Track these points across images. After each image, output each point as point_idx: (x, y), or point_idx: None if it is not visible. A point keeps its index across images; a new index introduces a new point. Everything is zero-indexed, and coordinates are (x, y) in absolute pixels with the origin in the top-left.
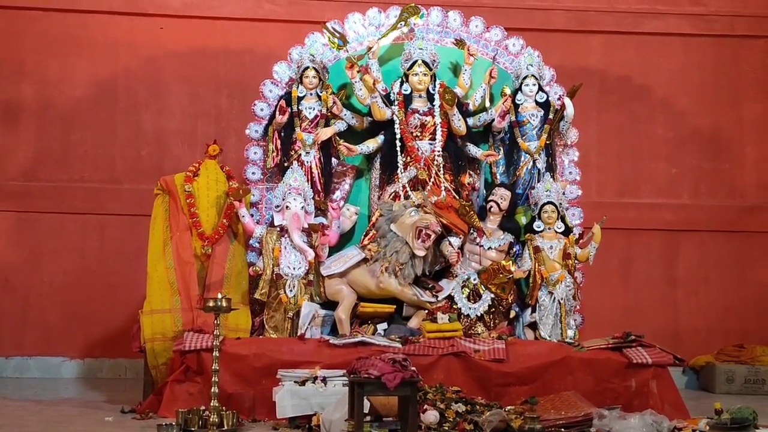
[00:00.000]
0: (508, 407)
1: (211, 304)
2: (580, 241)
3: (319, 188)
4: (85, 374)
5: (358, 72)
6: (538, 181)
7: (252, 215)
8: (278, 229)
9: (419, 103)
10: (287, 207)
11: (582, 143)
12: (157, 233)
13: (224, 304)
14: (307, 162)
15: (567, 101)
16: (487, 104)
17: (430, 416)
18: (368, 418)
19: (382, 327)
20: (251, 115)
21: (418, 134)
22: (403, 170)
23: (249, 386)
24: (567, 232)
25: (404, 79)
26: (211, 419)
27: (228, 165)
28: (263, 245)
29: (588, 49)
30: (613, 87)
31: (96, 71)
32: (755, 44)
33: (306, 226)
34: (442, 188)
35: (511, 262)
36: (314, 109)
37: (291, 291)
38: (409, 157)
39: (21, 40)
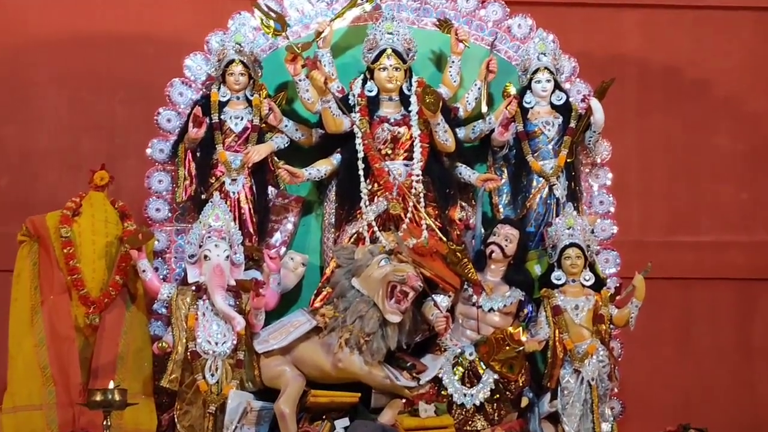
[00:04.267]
0: None
1: (98, 397)
2: (617, 297)
3: (251, 230)
4: None
5: (303, 66)
6: (557, 215)
7: (156, 269)
8: (193, 288)
9: (389, 109)
10: (206, 257)
11: (617, 161)
12: (21, 296)
13: (117, 397)
14: (234, 193)
15: (595, 103)
16: (484, 109)
17: None
18: None
19: (342, 424)
20: (155, 128)
21: (389, 152)
22: (368, 202)
23: None
24: (598, 285)
25: (368, 76)
26: None
27: (122, 199)
28: (172, 311)
29: (622, 30)
30: (657, 82)
31: None
32: None
33: (233, 283)
34: (424, 227)
35: (521, 329)
36: (243, 118)
37: (213, 376)
38: (376, 185)
39: None
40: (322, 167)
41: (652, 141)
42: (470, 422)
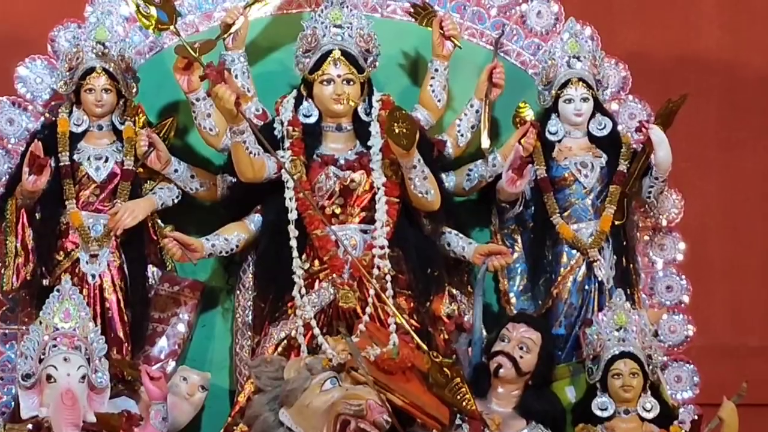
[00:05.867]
0: None
1: None
2: None
3: (121, 334)
4: None
5: (202, 78)
6: (600, 309)
7: None
8: (29, 427)
9: (338, 144)
10: (50, 378)
11: (693, 222)
12: None
13: None
14: (94, 276)
15: (657, 134)
16: (486, 143)
17: None
18: None
19: None
20: None
21: (337, 211)
22: (304, 290)
23: None
24: (666, 418)
25: (304, 92)
26: None
27: None
28: None
29: (698, 20)
30: (751, 98)
31: None
32: None
33: (92, 419)
34: (392, 328)
35: None
36: (108, 160)
37: None
38: (317, 262)
39: None
40: (233, 236)
41: (746, 189)
42: None
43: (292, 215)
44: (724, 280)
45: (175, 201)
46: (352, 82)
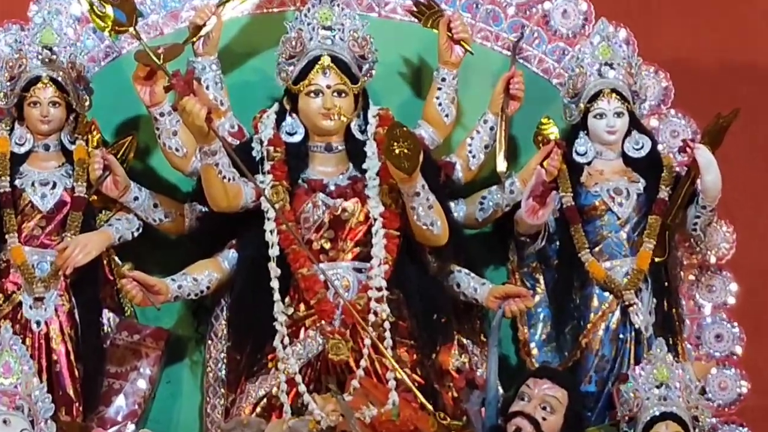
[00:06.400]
0: None
1: None
2: None
3: (71, 392)
4: None
5: (167, 90)
6: (638, 361)
7: None
8: None
9: (327, 167)
10: None
11: (747, 259)
12: None
13: None
14: (39, 324)
15: (704, 155)
16: (502, 166)
17: None
18: None
19: None
20: None
21: (327, 246)
22: (288, 340)
23: None
24: None
25: (287, 107)
26: None
27: None
28: None
29: (748, 23)
30: None
31: None
32: None
33: None
34: (391, 384)
35: None
36: (56, 186)
37: None
38: (303, 306)
39: None
40: (203, 275)
41: None
42: None
43: (274, 251)
44: None
45: (135, 234)
46: (344, 94)
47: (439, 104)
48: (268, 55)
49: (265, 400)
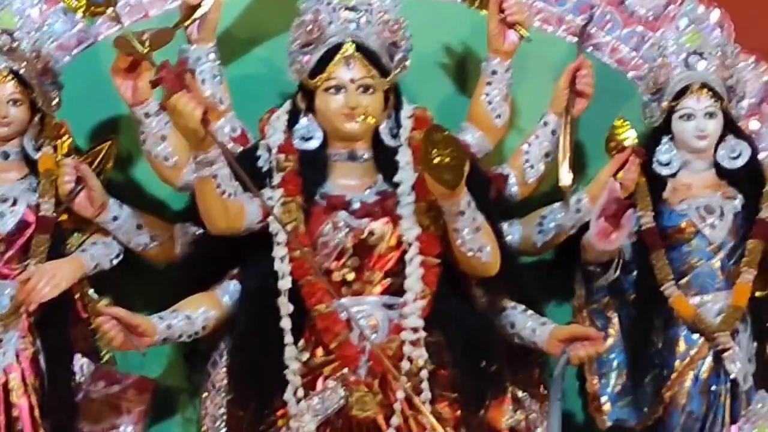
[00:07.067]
0: None
1: None
2: None
3: None
4: None
5: (155, 85)
6: (733, 421)
7: None
8: None
9: (351, 179)
10: None
11: None
12: None
13: None
14: None
15: None
16: (566, 179)
17: None
18: None
19: None
20: None
21: (350, 276)
22: (302, 392)
23: None
24: None
25: (302, 105)
26: None
27: None
28: None
29: None
30: None
31: None
32: None
33: None
34: None
35: None
36: (16, 202)
37: None
38: (320, 351)
39: None
40: (198, 313)
41: None
42: None
43: (285, 283)
44: None
45: (114, 262)
46: (371, 90)
47: (489, 102)
48: (278, 43)
49: None
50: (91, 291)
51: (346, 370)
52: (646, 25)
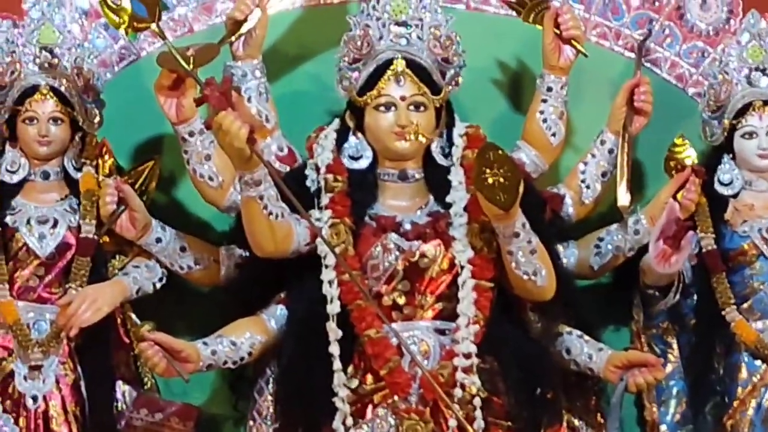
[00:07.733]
0: None
1: None
2: None
3: None
4: None
5: (199, 103)
6: None
7: None
8: None
9: (401, 200)
10: None
11: None
12: None
13: None
14: (36, 399)
15: None
16: (623, 199)
17: None
18: None
19: None
20: None
21: (401, 300)
22: (352, 420)
23: None
24: None
25: (350, 123)
26: None
27: None
28: None
29: None
30: None
31: None
32: None
33: None
34: None
35: None
36: (57, 223)
37: None
38: (370, 378)
39: None
40: (244, 338)
41: None
42: None
43: (333, 308)
44: None
45: (158, 285)
46: (422, 108)
47: (544, 120)
48: (326, 58)
49: None
50: (133, 315)
51: (396, 397)
52: (706, 39)
